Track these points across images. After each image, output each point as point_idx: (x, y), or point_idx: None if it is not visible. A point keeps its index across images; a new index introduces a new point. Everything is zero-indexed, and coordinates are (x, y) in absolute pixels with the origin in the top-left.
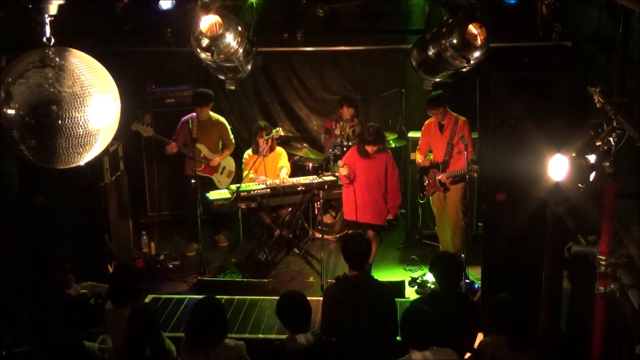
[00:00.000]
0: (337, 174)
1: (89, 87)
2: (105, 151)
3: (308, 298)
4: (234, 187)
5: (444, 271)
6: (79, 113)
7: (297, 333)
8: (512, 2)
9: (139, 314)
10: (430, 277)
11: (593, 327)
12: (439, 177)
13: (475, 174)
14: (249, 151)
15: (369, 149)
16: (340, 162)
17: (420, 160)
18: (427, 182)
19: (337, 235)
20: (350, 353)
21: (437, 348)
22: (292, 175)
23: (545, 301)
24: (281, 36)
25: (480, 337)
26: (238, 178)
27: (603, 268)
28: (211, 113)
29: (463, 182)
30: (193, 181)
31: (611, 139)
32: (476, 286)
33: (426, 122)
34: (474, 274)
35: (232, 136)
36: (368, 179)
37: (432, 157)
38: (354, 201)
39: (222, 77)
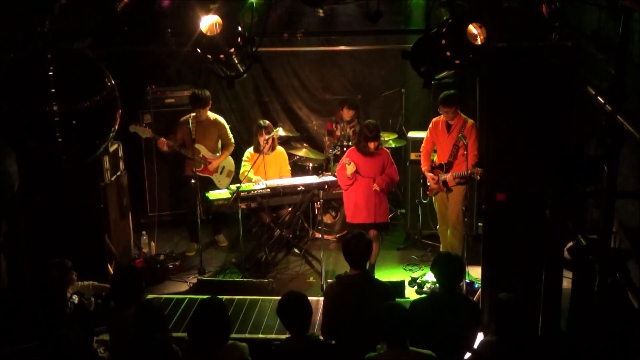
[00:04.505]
0: (335, 173)
1: None
2: (105, 151)
3: (308, 298)
4: (234, 187)
5: (445, 271)
6: None
7: (297, 334)
8: (512, 2)
9: (143, 311)
10: (430, 277)
11: None
12: (443, 178)
13: (479, 177)
14: (251, 149)
15: (372, 145)
16: (346, 160)
17: (425, 169)
18: (430, 183)
19: (337, 235)
20: (350, 351)
21: (415, 350)
22: (292, 175)
23: (545, 301)
24: (281, 36)
25: (480, 337)
26: (238, 178)
27: (603, 267)
28: (209, 113)
29: (466, 184)
30: (193, 181)
31: (611, 139)
32: (476, 286)
33: (434, 119)
34: (474, 274)
35: (231, 136)
36: (371, 177)
37: (435, 158)
38: (358, 203)
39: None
